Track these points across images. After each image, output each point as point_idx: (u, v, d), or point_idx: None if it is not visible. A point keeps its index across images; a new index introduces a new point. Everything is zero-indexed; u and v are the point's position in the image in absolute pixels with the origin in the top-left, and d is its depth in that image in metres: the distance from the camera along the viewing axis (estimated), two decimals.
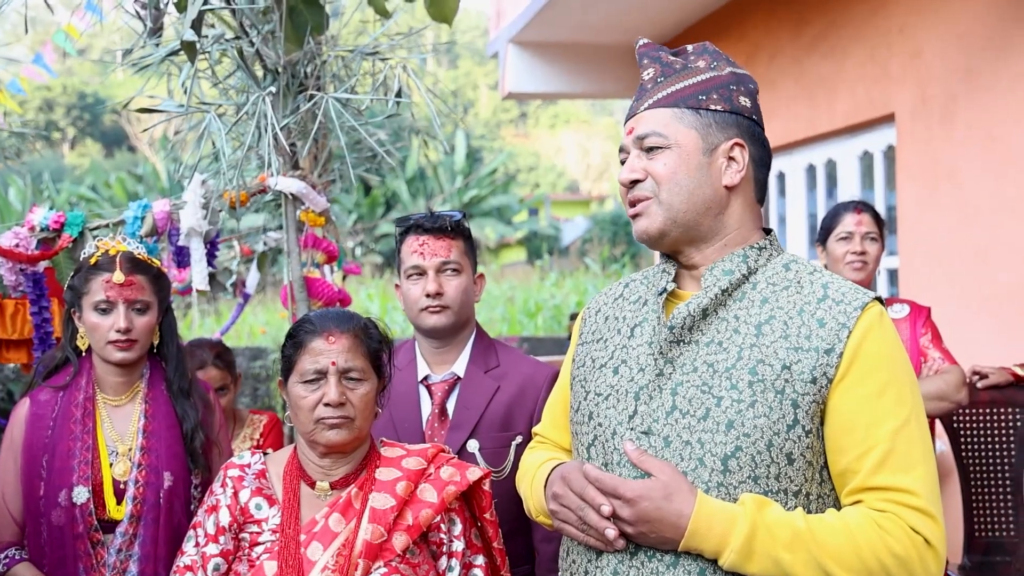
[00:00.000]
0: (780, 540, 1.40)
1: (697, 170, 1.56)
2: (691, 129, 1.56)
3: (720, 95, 1.58)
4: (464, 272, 2.36)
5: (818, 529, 1.41)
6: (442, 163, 23.44)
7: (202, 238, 2.72)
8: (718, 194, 1.58)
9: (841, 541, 1.41)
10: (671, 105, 1.58)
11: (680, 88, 1.59)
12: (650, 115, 1.59)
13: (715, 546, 1.42)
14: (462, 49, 39.34)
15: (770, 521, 1.41)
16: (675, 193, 1.56)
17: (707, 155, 1.57)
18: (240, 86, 3.09)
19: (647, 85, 1.62)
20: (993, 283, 4.22)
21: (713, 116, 1.57)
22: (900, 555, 1.41)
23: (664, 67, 1.62)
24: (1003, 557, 3.51)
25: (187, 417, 2.31)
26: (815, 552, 1.40)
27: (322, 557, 1.81)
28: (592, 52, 7.03)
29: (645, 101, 1.61)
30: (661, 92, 1.60)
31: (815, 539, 1.40)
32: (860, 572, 1.40)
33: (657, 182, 1.57)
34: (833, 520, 1.43)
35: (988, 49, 4.20)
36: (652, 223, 1.58)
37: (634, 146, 1.60)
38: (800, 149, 5.66)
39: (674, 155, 1.56)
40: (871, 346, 1.47)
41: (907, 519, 1.43)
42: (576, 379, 1.68)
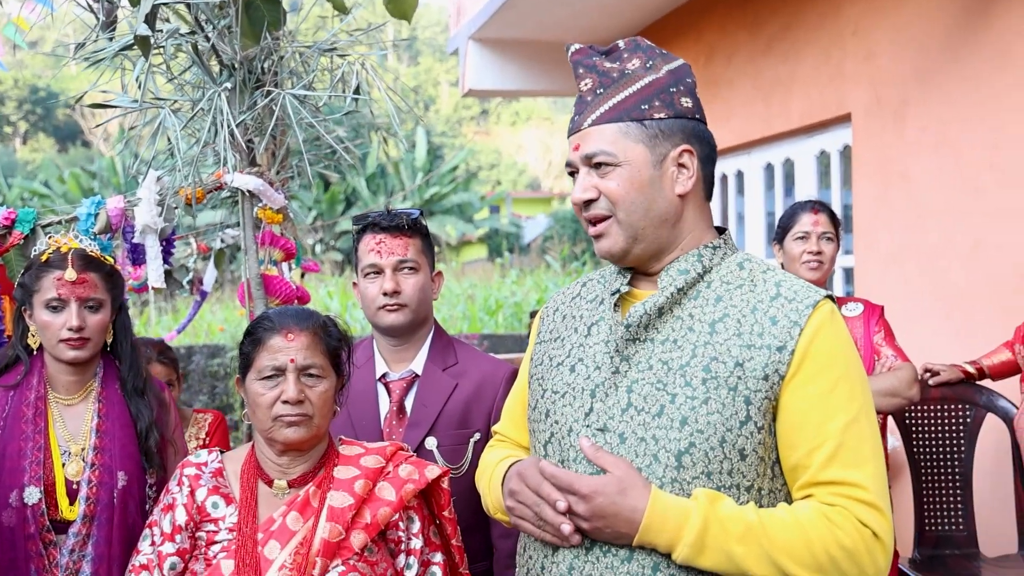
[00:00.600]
0: (732, 534, 1.42)
1: (649, 185, 1.56)
2: (638, 144, 1.56)
3: (662, 101, 1.57)
4: (421, 270, 2.36)
5: (769, 523, 1.43)
6: (403, 160, 23.36)
7: (157, 235, 2.69)
8: (672, 204, 1.59)
9: (792, 535, 1.43)
10: (615, 120, 1.56)
11: (621, 100, 1.57)
12: (595, 132, 1.57)
13: (668, 540, 1.44)
14: (423, 46, 39.21)
15: (723, 515, 1.43)
16: (632, 212, 1.56)
17: (657, 167, 1.57)
18: (196, 82, 3.06)
19: (586, 97, 1.60)
20: (944, 283, 4.30)
21: (658, 125, 1.57)
22: (849, 547, 1.43)
23: (602, 76, 1.60)
24: (952, 550, 3.58)
25: (141, 416, 2.28)
26: (766, 546, 1.42)
27: (280, 556, 1.80)
28: (552, 50, 7.04)
29: (588, 116, 1.59)
30: (603, 105, 1.58)
31: (766, 533, 1.42)
32: (810, 565, 1.43)
33: (612, 202, 1.57)
34: (784, 514, 1.45)
35: (939, 52, 4.28)
36: (615, 244, 1.58)
37: (583, 163, 1.59)
38: (758, 148, 5.72)
39: (625, 173, 1.56)
40: (822, 344, 1.50)
41: (856, 512, 1.45)
42: (534, 377, 1.69)
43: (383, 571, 1.86)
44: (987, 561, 3.52)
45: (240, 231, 4.09)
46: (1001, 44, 3.97)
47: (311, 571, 1.79)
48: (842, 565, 1.43)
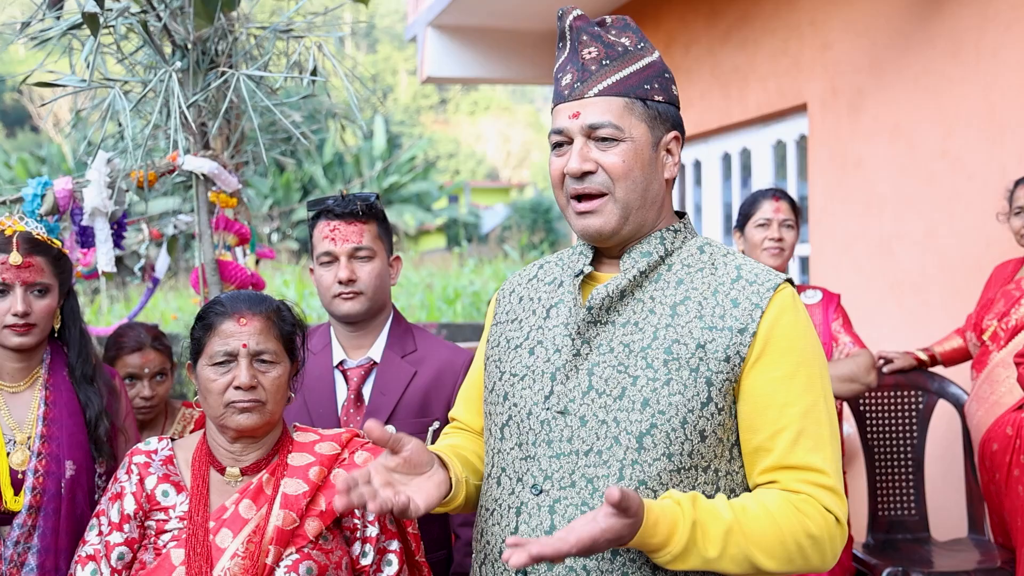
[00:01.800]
0: (713, 539, 1.41)
1: (649, 165, 1.55)
2: (642, 122, 1.54)
3: (660, 85, 1.57)
4: (377, 257, 2.32)
5: (744, 520, 1.43)
6: (361, 148, 23.20)
7: (107, 218, 2.62)
8: (662, 188, 1.58)
9: (765, 528, 1.43)
10: (622, 94, 1.54)
11: (628, 75, 1.55)
12: (601, 103, 1.53)
13: (654, 548, 1.41)
14: (381, 33, 38.93)
15: (704, 521, 1.41)
16: (631, 190, 1.54)
17: (654, 149, 1.56)
18: (148, 62, 2.99)
19: (590, 66, 1.55)
20: (898, 271, 4.36)
21: (657, 107, 1.56)
22: (816, 536, 1.45)
23: (608, 48, 1.56)
24: (904, 535, 3.63)
25: (91, 404, 2.23)
26: (743, 545, 1.42)
27: (232, 544, 1.77)
28: (510, 37, 7.02)
29: (592, 85, 1.54)
30: (610, 78, 1.54)
31: (743, 531, 1.42)
32: (781, 557, 1.44)
33: (612, 178, 1.53)
34: (756, 508, 1.45)
35: (894, 44, 4.32)
36: (607, 223, 1.55)
37: (581, 133, 1.54)
38: (716, 138, 5.75)
39: (630, 149, 1.53)
40: (784, 327, 1.50)
41: (820, 499, 1.46)
42: (491, 359, 1.67)
43: (338, 559, 1.84)
44: (938, 544, 3.58)
45: (194, 217, 4.03)
46: (953, 36, 4.02)
47: (264, 559, 1.76)
48: (808, 552, 1.45)
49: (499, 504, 1.57)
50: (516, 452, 1.55)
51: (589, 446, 1.49)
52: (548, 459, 1.51)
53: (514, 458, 1.56)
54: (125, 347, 2.88)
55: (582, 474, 1.48)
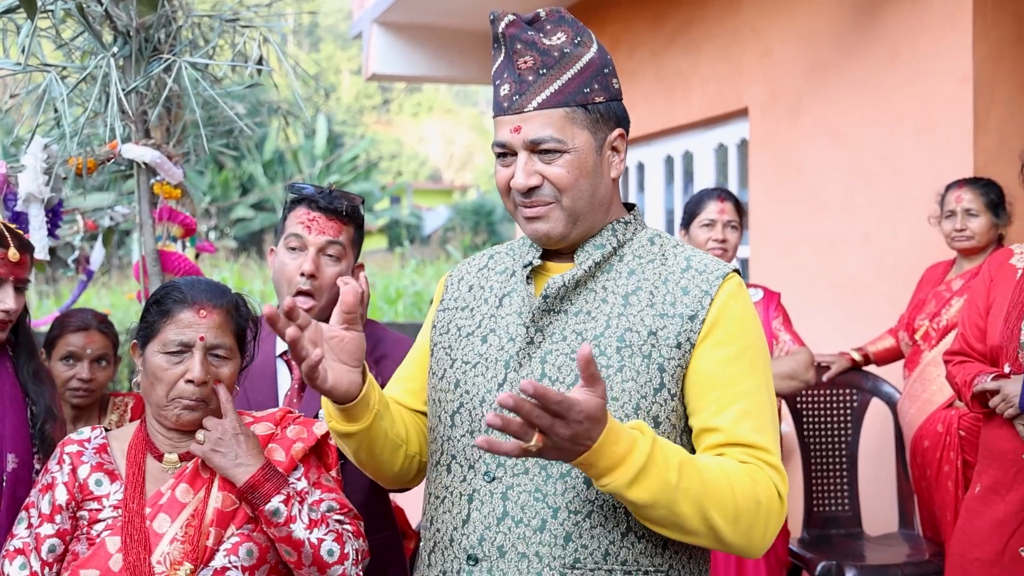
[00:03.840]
0: (672, 464, 1.36)
1: (593, 171, 1.55)
2: (584, 130, 1.54)
3: (600, 84, 1.56)
4: (345, 259, 2.26)
5: (699, 465, 1.40)
6: (302, 147, 22.96)
7: (43, 205, 2.56)
8: (609, 189, 1.59)
9: (718, 478, 1.40)
10: (562, 104, 1.53)
11: (566, 82, 1.53)
12: (541, 116, 1.52)
13: (608, 465, 1.34)
14: (324, 32, 38.58)
15: (662, 443, 1.37)
16: (577, 198, 1.54)
17: (599, 153, 1.56)
18: (87, 48, 2.93)
19: (527, 76, 1.54)
20: (837, 273, 4.45)
21: (599, 109, 1.55)
22: (764, 503, 1.43)
23: (544, 56, 1.54)
24: (838, 530, 3.71)
25: (40, 398, 2.16)
26: (697, 485, 1.38)
27: (170, 528, 1.74)
28: (457, 37, 7.01)
29: (531, 98, 1.53)
30: (548, 89, 1.53)
31: (699, 472, 1.39)
32: (729, 514, 1.40)
33: (559, 189, 1.53)
34: (710, 462, 1.43)
35: (833, 50, 4.42)
36: (555, 228, 1.56)
37: (523, 148, 1.54)
38: (659, 141, 5.81)
39: (573, 160, 1.53)
40: (731, 312, 1.53)
41: (768, 473, 1.47)
42: (439, 346, 1.66)
43: None
44: (870, 539, 3.66)
45: (130, 209, 3.95)
46: (890, 43, 4.13)
47: (204, 542, 1.74)
48: (752, 518, 1.42)
49: (450, 491, 1.56)
50: (468, 439, 1.55)
51: None
52: None
53: (465, 445, 1.56)
54: (69, 326, 2.82)
55: (535, 461, 1.49)
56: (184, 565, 1.72)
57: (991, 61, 3.78)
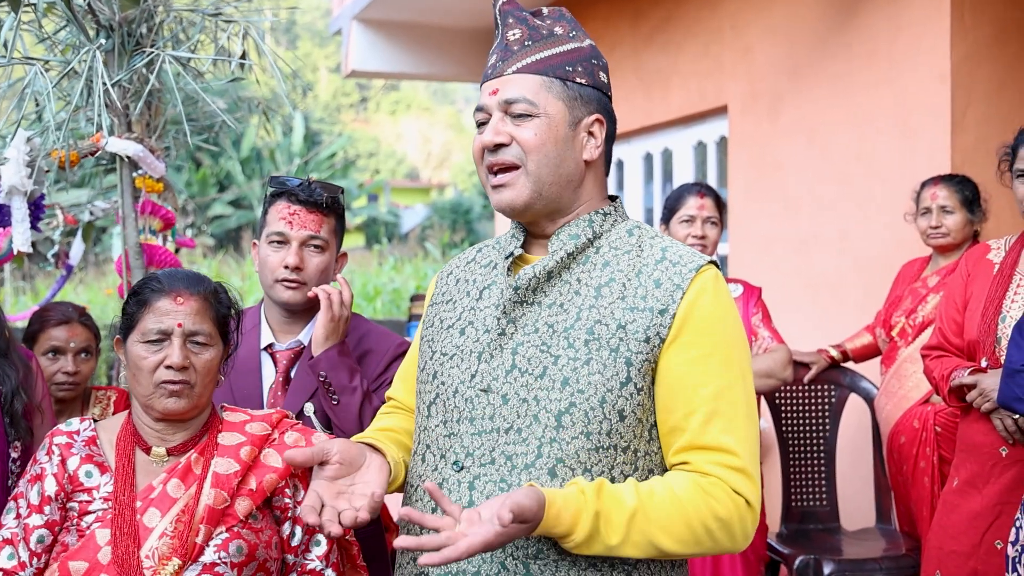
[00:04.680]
0: (614, 526, 1.43)
1: (564, 142, 1.56)
2: (559, 100, 1.56)
3: (584, 68, 1.59)
4: (328, 250, 2.28)
5: (649, 505, 1.45)
6: (279, 145, 22.84)
7: (25, 198, 2.55)
8: (579, 168, 1.59)
9: (671, 512, 1.45)
10: (540, 72, 1.56)
11: (548, 56, 1.58)
12: (519, 79, 1.57)
13: (559, 535, 1.43)
14: (302, 30, 38.40)
15: (607, 509, 1.43)
16: (543, 164, 1.55)
17: (572, 128, 1.57)
18: (70, 41, 2.92)
19: (513, 46, 1.59)
20: (814, 271, 4.49)
21: (579, 89, 1.58)
22: (724, 518, 1.47)
23: (531, 30, 1.60)
24: (816, 525, 3.75)
25: (6, 378, 2.15)
26: (646, 530, 1.44)
27: (160, 523, 1.74)
28: (436, 34, 7.01)
29: (512, 63, 1.58)
30: (529, 57, 1.57)
31: (647, 517, 1.44)
32: (687, 540, 1.46)
33: (525, 151, 1.55)
34: (662, 491, 1.46)
35: (812, 48, 4.46)
36: (519, 196, 1.57)
37: (498, 109, 1.58)
38: (638, 138, 5.84)
39: (543, 125, 1.55)
40: (703, 308, 1.53)
41: (729, 481, 1.48)
42: (424, 339, 1.69)
43: (268, 538, 1.82)
44: (847, 534, 3.70)
45: (110, 204, 3.93)
46: (867, 42, 4.17)
47: (194, 538, 1.74)
48: (716, 535, 1.47)
49: (422, 480, 1.58)
50: (441, 429, 1.57)
51: (510, 424, 1.50)
52: (470, 436, 1.53)
53: (439, 435, 1.57)
54: (51, 320, 2.80)
55: (502, 451, 1.50)
56: (172, 560, 1.72)
57: (969, 61, 3.84)
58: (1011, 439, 2.55)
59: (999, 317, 2.61)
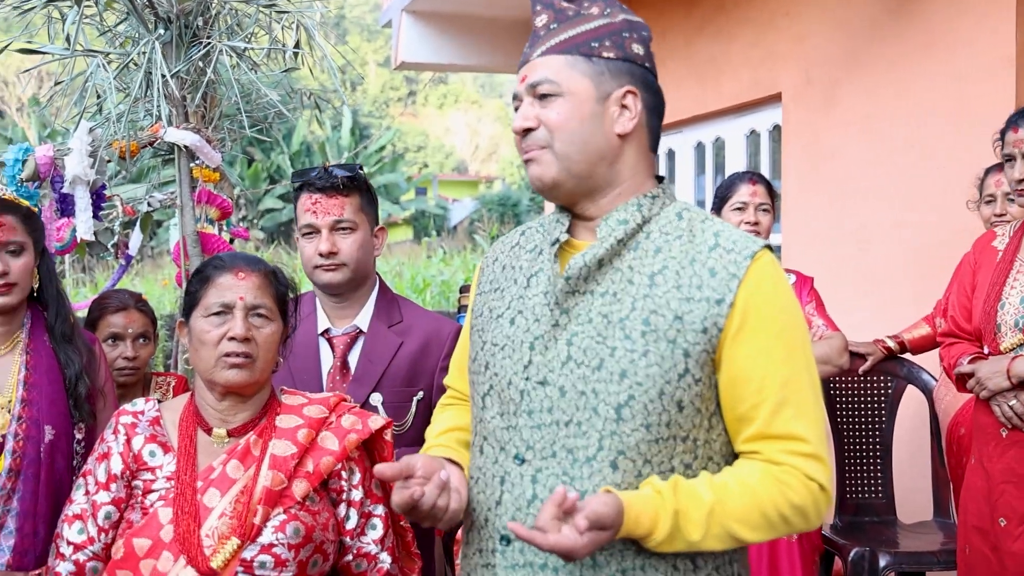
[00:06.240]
0: (694, 522, 1.44)
1: (590, 118, 1.55)
2: (584, 77, 1.55)
3: (613, 42, 1.57)
4: (360, 229, 2.31)
5: (725, 499, 1.46)
6: (328, 139, 23.07)
7: (87, 187, 2.61)
8: (611, 143, 1.57)
9: (747, 503, 1.46)
10: (564, 52, 1.56)
11: (573, 35, 1.57)
12: (542, 62, 1.57)
13: (640, 536, 1.45)
14: (351, 24, 38.68)
15: (685, 506, 1.44)
16: (568, 142, 1.55)
17: (600, 103, 1.55)
18: (129, 34, 2.97)
19: (539, 32, 1.60)
20: (868, 261, 4.42)
21: (606, 64, 1.56)
22: (798, 504, 1.47)
23: (557, 13, 1.60)
24: (872, 517, 3.69)
25: (70, 363, 2.21)
26: (726, 524, 1.46)
27: (219, 503, 1.78)
28: (485, 24, 7.02)
29: (538, 48, 1.59)
30: (554, 39, 1.57)
31: (725, 510, 1.45)
32: (763, 527, 1.47)
33: (550, 131, 1.55)
34: (737, 486, 1.47)
35: (868, 35, 4.39)
36: (546, 171, 1.56)
37: (527, 94, 1.58)
38: (689, 127, 5.79)
39: (567, 103, 1.54)
40: (762, 297, 1.50)
41: (802, 468, 1.48)
42: (474, 329, 1.68)
43: (324, 520, 1.85)
44: (904, 527, 3.64)
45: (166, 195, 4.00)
46: (926, 28, 4.09)
47: (252, 519, 1.77)
48: (792, 520, 1.48)
49: (483, 473, 1.58)
50: (498, 421, 1.57)
51: (569, 417, 1.50)
52: (529, 429, 1.52)
53: (496, 427, 1.57)
54: (109, 307, 2.87)
55: (562, 444, 1.50)
56: (231, 540, 1.75)
57: None
58: (1008, 424, 2.62)
59: (999, 304, 2.66)
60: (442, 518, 1.53)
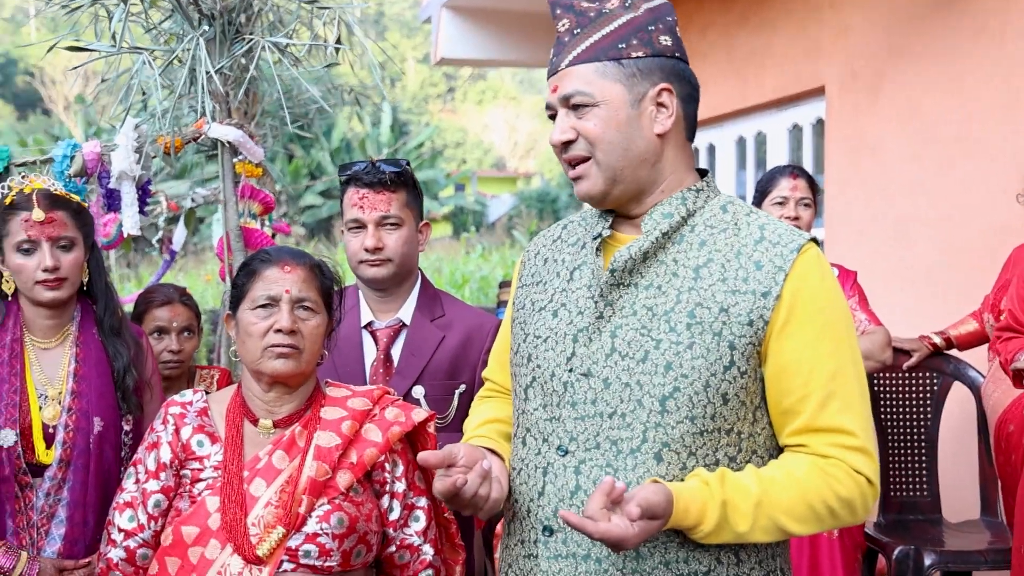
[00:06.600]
0: (742, 513, 1.45)
1: (627, 124, 1.54)
2: (616, 83, 1.54)
3: (640, 40, 1.55)
4: (406, 224, 2.33)
5: (772, 490, 1.46)
6: (368, 136, 23.20)
7: (134, 183, 2.65)
8: (651, 144, 1.56)
9: (793, 496, 1.46)
10: (592, 59, 1.54)
11: (598, 39, 1.55)
12: (572, 72, 1.55)
13: (686, 528, 1.46)
14: (390, 21, 38.87)
15: (733, 497, 1.45)
16: (609, 152, 1.54)
17: (635, 107, 1.54)
18: (174, 31, 3.01)
19: (564, 38, 1.58)
20: (912, 256, 4.36)
21: (636, 64, 1.54)
22: (845, 498, 1.48)
23: (579, 16, 1.57)
24: (916, 515, 3.64)
25: (119, 355, 2.25)
26: (773, 516, 1.46)
27: (265, 493, 1.81)
28: (525, 20, 7.00)
29: (565, 56, 1.57)
30: (580, 46, 1.56)
31: (772, 502, 1.46)
32: (810, 519, 1.47)
33: (590, 143, 1.55)
34: (784, 478, 1.47)
35: (914, 26, 4.32)
36: (594, 185, 1.56)
37: (560, 105, 1.57)
38: (730, 122, 5.74)
39: (602, 112, 1.54)
40: (809, 290, 1.50)
41: (849, 461, 1.48)
42: (516, 321, 1.68)
43: (368, 511, 1.87)
44: (950, 526, 3.59)
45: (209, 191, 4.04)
46: (975, 20, 4.02)
47: (297, 508, 1.80)
48: (839, 514, 1.48)
49: (525, 464, 1.58)
50: (541, 413, 1.57)
51: (613, 408, 1.50)
52: (573, 421, 1.52)
53: (539, 419, 1.57)
54: (154, 301, 2.91)
55: (606, 436, 1.50)
56: (277, 529, 1.78)
57: None
58: None
59: None
60: (483, 507, 1.54)
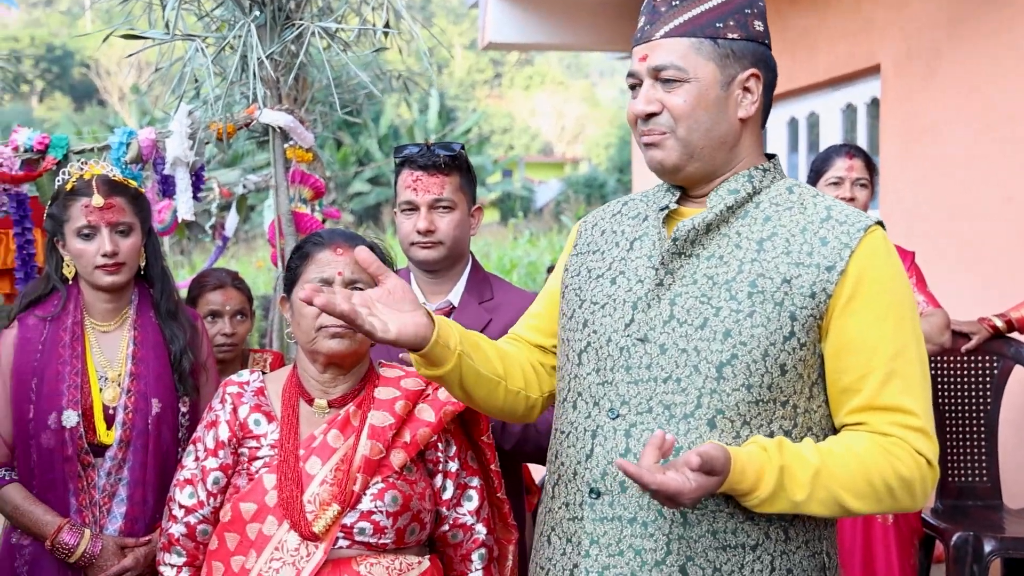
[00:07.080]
0: (800, 482, 1.43)
1: (715, 105, 1.53)
2: (710, 62, 1.53)
3: (736, 21, 1.54)
4: (458, 208, 2.33)
5: (832, 463, 1.45)
6: (416, 122, 23.29)
7: (188, 168, 2.69)
8: (733, 128, 1.56)
9: (853, 471, 1.45)
10: (688, 34, 1.53)
11: (697, 14, 1.54)
12: (667, 44, 1.54)
13: (741, 493, 1.44)
14: (437, 7, 38.91)
15: (791, 466, 1.43)
16: (693, 130, 1.53)
17: (724, 89, 1.54)
18: (225, 18, 3.04)
19: (660, 7, 1.56)
20: (971, 236, 4.27)
21: (731, 45, 1.53)
22: (906, 477, 1.46)
23: None
24: (975, 501, 3.58)
25: (175, 339, 2.30)
26: (831, 488, 1.44)
27: (320, 471, 1.83)
28: (572, 3, 6.96)
29: (660, 27, 1.55)
30: (678, 18, 1.54)
31: (831, 474, 1.44)
32: (869, 496, 1.45)
33: (675, 118, 1.53)
34: (843, 452, 1.46)
35: (971, 1, 4.21)
36: (668, 156, 1.55)
37: (648, 76, 1.56)
38: (782, 102, 5.66)
39: (693, 90, 1.52)
40: (874, 269, 1.50)
41: (911, 442, 1.47)
42: (570, 287, 1.68)
43: (422, 491, 1.89)
44: (1010, 512, 3.52)
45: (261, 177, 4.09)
46: None
47: (351, 486, 1.82)
48: (898, 494, 1.47)
49: (575, 427, 1.58)
50: (593, 377, 1.57)
51: (668, 373, 1.50)
52: (626, 385, 1.52)
53: (591, 383, 1.57)
54: (207, 285, 2.95)
55: (659, 400, 1.50)
56: (332, 506, 1.81)
57: None
58: None
59: None
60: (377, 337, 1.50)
